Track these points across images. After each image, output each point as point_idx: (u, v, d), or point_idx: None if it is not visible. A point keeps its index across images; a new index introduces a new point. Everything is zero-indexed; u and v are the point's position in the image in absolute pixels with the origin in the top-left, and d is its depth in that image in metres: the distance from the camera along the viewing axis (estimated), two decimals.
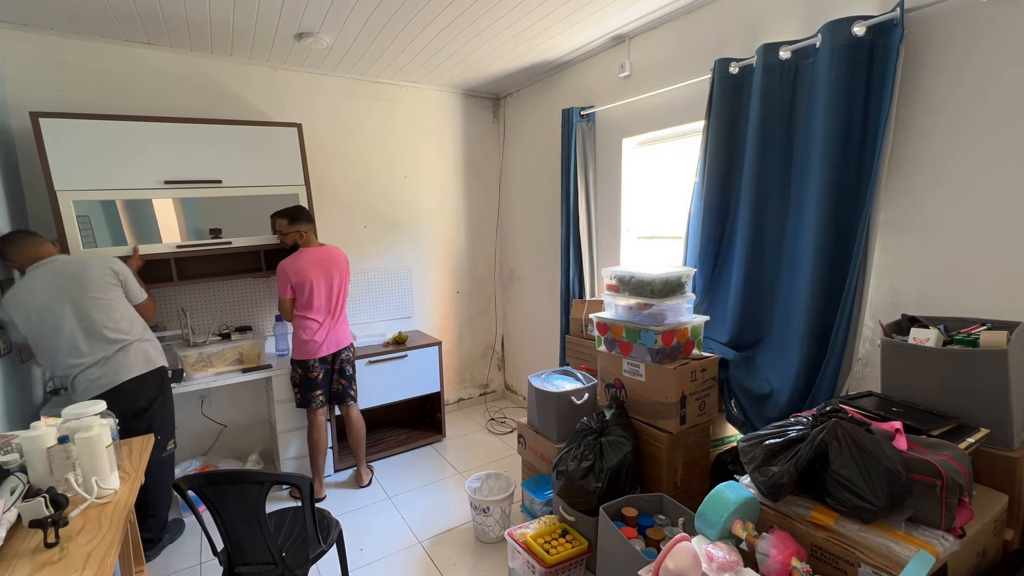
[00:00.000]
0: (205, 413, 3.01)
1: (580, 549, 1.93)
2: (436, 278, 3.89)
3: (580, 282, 3.11)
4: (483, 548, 2.37)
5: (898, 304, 1.78)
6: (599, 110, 2.98)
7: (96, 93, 2.60)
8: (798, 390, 1.93)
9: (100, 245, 2.39)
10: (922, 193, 1.70)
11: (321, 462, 2.78)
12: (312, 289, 2.59)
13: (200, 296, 2.95)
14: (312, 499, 1.65)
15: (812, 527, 1.27)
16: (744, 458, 1.41)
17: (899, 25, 1.60)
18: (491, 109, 3.97)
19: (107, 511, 1.37)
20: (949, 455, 1.20)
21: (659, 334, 2.04)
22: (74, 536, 1.26)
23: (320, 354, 2.65)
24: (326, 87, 3.23)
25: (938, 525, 1.15)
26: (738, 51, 2.16)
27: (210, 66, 2.86)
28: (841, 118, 1.74)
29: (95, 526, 1.31)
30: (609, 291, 2.27)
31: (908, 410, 1.46)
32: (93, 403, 1.59)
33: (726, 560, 1.19)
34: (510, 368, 4.28)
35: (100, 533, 1.28)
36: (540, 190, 3.60)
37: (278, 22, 2.44)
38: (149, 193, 2.49)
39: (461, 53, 2.92)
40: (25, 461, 1.40)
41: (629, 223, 3.01)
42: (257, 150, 2.73)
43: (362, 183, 3.46)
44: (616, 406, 2.20)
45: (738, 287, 2.17)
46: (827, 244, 1.81)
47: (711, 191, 2.25)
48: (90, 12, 2.27)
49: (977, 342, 1.40)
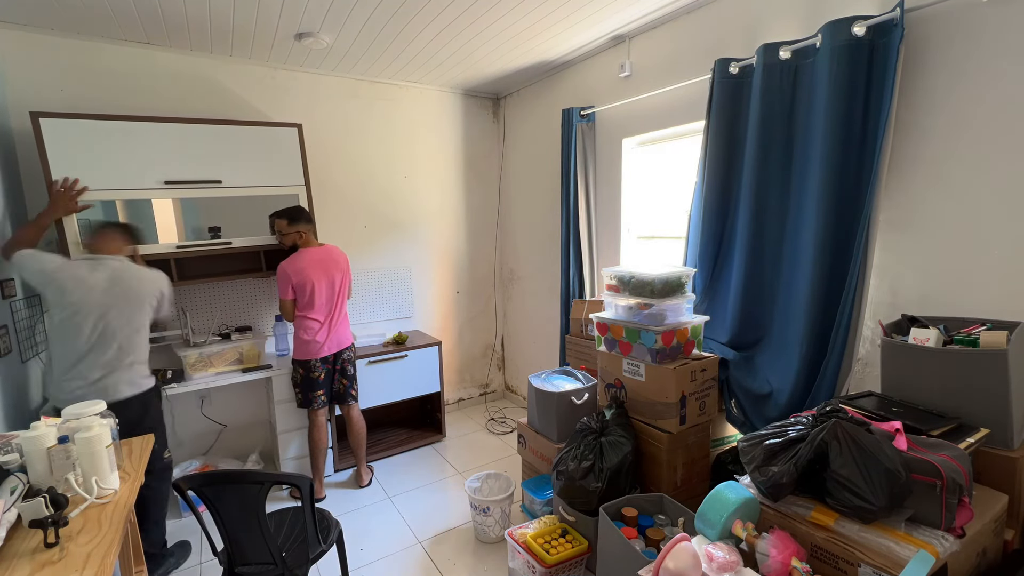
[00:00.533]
0: (205, 413, 3.01)
1: (580, 549, 1.93)
2: (436, 278, 3.89)
3: (580, 282, 3.11)
4: (483, 548, 2.37)
5: (898, 304, 1.78)
6: (599, 110, 2.98)
7: (96, 93, 2.60)
8: (798, 390, 1.93)
9: None
10: (922, 193, 1.70)
11: (321, 462, 2.78)
12: (313, 289, 2.59)
13: (200, 296, 2.95)
14: (312, 499, 1.65)
15: (812, 527, 1.27)
16: (744, 458, 1.41)
17: (899, 25, 1.60)
18: (491, 109, 3.97)
19: (107, 511, 1.37)
20: (949, 455, 1.20)
21: (659, 334, 2.03)
22: (74, 536, 1.26)
23: (322, 354, 2.65)
24: (326, 87, 3.23)
25: (938, 525, 1.15)
26: (738, 51, 2.16)
27: (210, 66, 2.86)
28: (841, 118, 1.74)
29: (95, 526, 1.31)
30: (609, 291, 2.27)
31: (908, 410, 1.46)
32: (93, 403, 1.59)
33: (726, 560, 1.19)
34: (510, 368, 4.28)
35: (100, 533, 1.27)
36: (540, 190, 3.60)
37: (278, 22, 2.44)
38: (149, 193, 2.49)
39: (461, 53, 2.92)
40: (25, 461, 1.40)
41: (629, 223, 3.01)
42: (257, 150, 2.73)
43: (362, 183, 3.46)
44: (616, 406, 2.20)
45: (738, 287, 2.17)
46: (827, 244, 1.81)
47: (711, 191, 2.25)
48: (90, 12, 2.27)
49: (977, 342, 1.40)
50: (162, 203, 2.55)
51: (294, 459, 2.89)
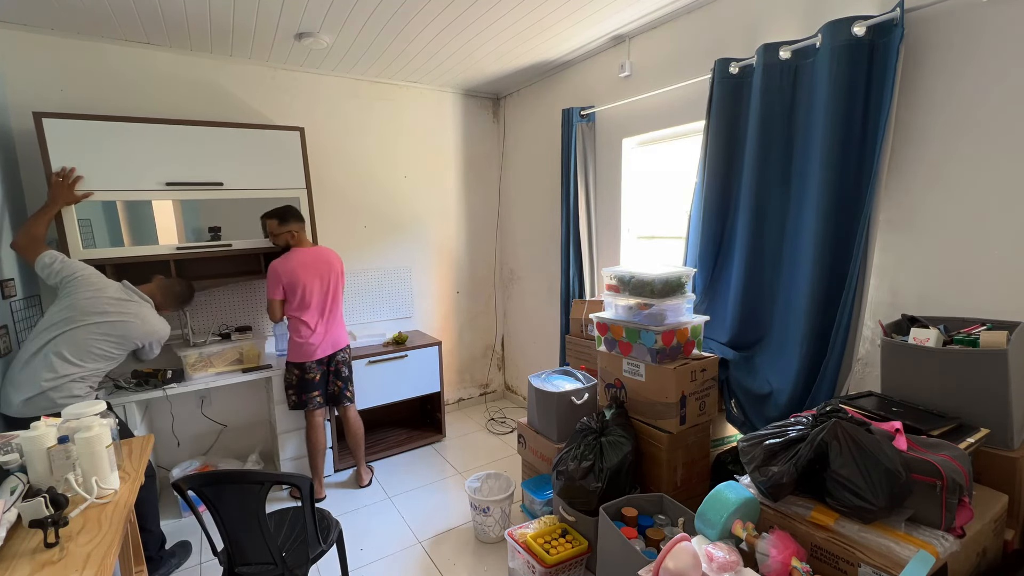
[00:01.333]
0: (205, 413, 3.01)
1: (580, 549, 1.93)
2: (436, 278, 3.89)
3: (580, 282, 3.11)
4: (483, 548, 2.37)
5: (898, 304, 1.78)
6: (599, 110, 2.98)
7: (96, 93, 2.60)
8: (798, 390, 1.93)
9: (99, 246, 2.39)
10: (922, 193, 1.70)
11: (320, 463, 2.78)
12: (304, 291, 2.58)
13: (200, 296, 2.95)
14: (312, 499, 1.65)
15: (812, 527, 1.27)
16: (744, 458, 1.41)
17: (899, 25, 1.60)
18: (491, 109, 3.97)
19: (107, 511, 1.37)
20: (949, 455, 1.20)
21: (659, 334, 2.04)
22: (74, 536, 1.26)
23: (316, 356, 2.65)
24: (326, 87, 3.23)
25: (938, 525, 1.15)
26: (738, 51, 2.16)
27: (210, 66, 2.86)
28: (841, 118, 1.74)
29: (95, 526, 1.31)
30: (609, 291, 2.27)
31: (908, 410, 1.46)
32: (93, 403, 1.59)
33: (726, 560, 1.19)
34: (510, 368, 4.28)
35: (100, 533, 1.28)
36: (540, 190, 3.59)
37: (278, 22, 2.44)
38: (151, 194, 2.49)
39: (461, 53, 2.92)
40: (25, 461, 1.40)
41: (629, 223, 3.01)
42: (259, 153, 2.73)
43: (362, 183, 3.46)
44: (616, 406, 2.20)
45: (738, 287, 2.17)
46: (827, 244, 1.81)
47: (711, 191, 2.25)
48: (90, 12, 2.27)
49: (977, 342, 1.40)
50: (162, 204, 2.55)
51: (293, 459, 2.89)
